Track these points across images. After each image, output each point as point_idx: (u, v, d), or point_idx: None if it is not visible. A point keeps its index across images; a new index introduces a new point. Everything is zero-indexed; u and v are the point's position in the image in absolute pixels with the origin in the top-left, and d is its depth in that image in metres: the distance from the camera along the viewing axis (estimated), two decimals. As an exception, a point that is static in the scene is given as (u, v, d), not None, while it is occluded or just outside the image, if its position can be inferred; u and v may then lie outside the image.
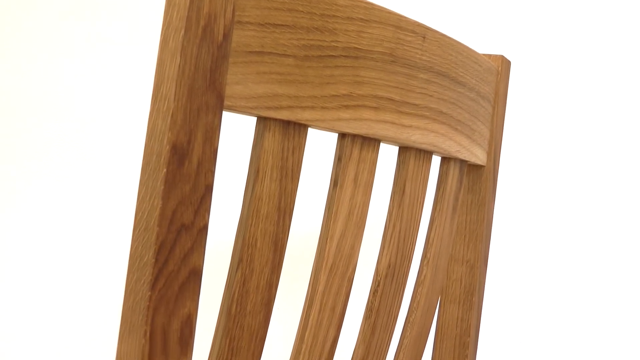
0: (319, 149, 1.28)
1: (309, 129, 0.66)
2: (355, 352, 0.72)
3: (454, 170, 0.78)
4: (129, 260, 0.55)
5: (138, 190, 0.55)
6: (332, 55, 0.61)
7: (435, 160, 0.80)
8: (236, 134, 1.33)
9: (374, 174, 0.67)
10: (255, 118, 0.59)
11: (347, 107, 0.62)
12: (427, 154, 0.73)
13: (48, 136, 1.56)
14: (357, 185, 0.65)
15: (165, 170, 0.52)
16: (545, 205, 1.26)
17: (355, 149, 0.65)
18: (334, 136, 1.26)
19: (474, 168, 0.84)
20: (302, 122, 0.59)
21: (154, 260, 0.52)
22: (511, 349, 1.26)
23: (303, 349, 0.65)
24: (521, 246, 1.26)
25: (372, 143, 0.66)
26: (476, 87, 0.79)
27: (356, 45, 0.62)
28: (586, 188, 1.25)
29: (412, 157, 0.71)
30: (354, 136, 0.64)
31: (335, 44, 0.61)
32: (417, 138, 0.70)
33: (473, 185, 0.84)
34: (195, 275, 0.54)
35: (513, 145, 1.27)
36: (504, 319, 1.26)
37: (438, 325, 0.85)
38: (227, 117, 1.33)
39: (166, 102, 0.53)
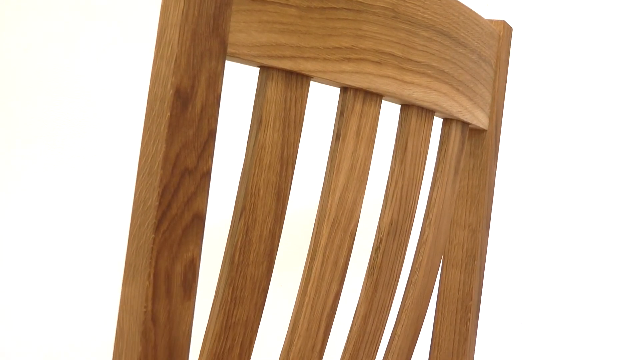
0: (322, 104, 1.28)
1: (313, 84, 0.66)
2: (357, 309, 0.72)
3: (455, 132, 0.78)
4: (133, 206, 0.55)
5: (142, 136, 0.55)
6: (334, 8, 0.61)
7: (437, 125, 0.80)
8: (239, 86, 1.32)
9: (376, 129, 0.67)
10: (258, 69, 0.59)
11: (349, 60, 0.63)
12: (428, 113, 0.73)
13: (47, 117, 1.56)
14: (359, 139, 0.66)
15: (168, 114, 0.53)
16: (546, 171, 1.27)
17: (358, 103, 0.65)
18: (337, 93, 1.26)
19: (476, 132, 0.85)
20: (305, 72, 0.60)
21: (157, 203, 0.53)
22: (513, 312, 1.27)
23: (306, 302, 0.65)
24: (523, 211, 1.26)
25: (374, 98, 0.66)
26: (478, 49, 0.79)
27: (358, -2, 0.63)
28: (587, 154, 1.25)
29: (414, 114, 0.71)
30: (356, 90, 0.65)
31: (338, -5, 0.61)
32: (418, 95, 0.70)
33: (475, 150, 0.85)
34: (198, 220, 0.54)
35: (514, 112, 1.27)
36: (505, 283, 1.27)
37: (440, 289, 0.85)
38: (231, 69, 1.33)
39: (170, 47, 0.53)
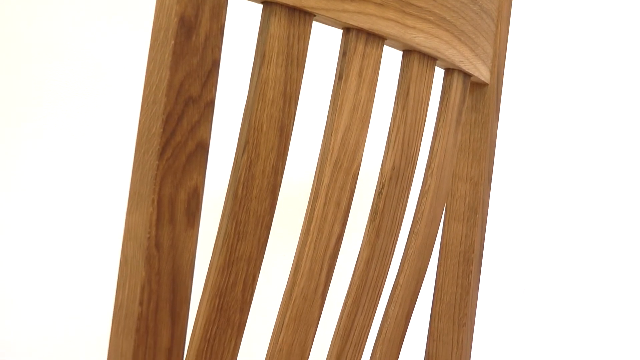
0: (325, 47, 1.29)
1: (316, 28, 0.67)
2: (360, 254, 0.73)
3: (457, 82, 0.79)
4: (137, 136, 0.56)
5: (146, 68, 0.56)
6: (337, -54, 0.62)
7: (438, 76, 0.80)
8: (243, 22, 1.32)
9: (378, 72, 0.68)
10: (262, 5, 0.60)
11: (351, -1, 0.63)
12: (430, 60, 0.73)
13: (53, 86, 1.56)
14: (361, 81, 0.66)
15: (173, 42, 0.53)
16: (547, 128, 1.27)
17: (360, 44, 0.66)
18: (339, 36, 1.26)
19: (478, 87, 0.85)
20: (308, 9, 0.60)
21: (161, 130, 0.53)
22: (514, 265, 1.27)
23: (308, 241, 0.66)
24: (524, 166, 1.27)
25: (376, 40, 0.67)
26: (479, 0, 0.79)
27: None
28: (587, 109, 1.26)
29: (415, 60, 0.72)
30: (359, 31, 0.65)
31: None
32: (420, 40, 0.70)
33: (476, 104, 0.85)
34: (202, 149, 0.55)
35: (516, 68, 1.27)
36: (506, 237, 1.27)
37: (442, 243, 0.86)
38: (235, 4, 1.34)
39: (173, -24, 0.53)
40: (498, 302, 1.28)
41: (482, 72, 0.82)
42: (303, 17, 0.61)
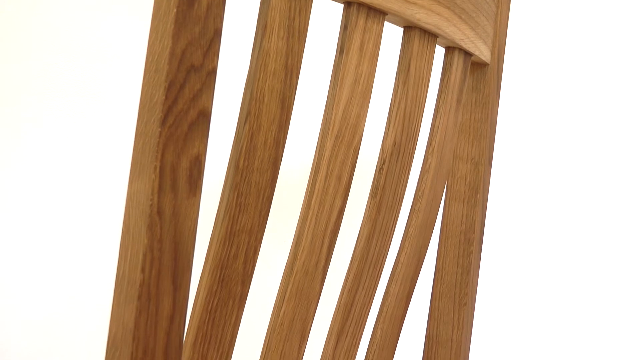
0: (327, 22, 1.29)
1: (318, 1, 0.67)
2: (361, 230, 0.73)
3: (458, 61, 0.79)
4: (139, 106, 0.56)
5: (149, 37, 0.56)
6: None
7: (440, 56, 0.80)
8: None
9: (379, 46, 0.68)
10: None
11: (352, -28, 0.63)
12: (431, 38, 0.74)
13: (54, 74, 1.57)
14: (362, 55, 0.66)
15: (175, 10, 0.53)
16: (547, 110, 1.27)
17: (361, 18, 0.66)
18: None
19: (478, 67, 0.85)
20: (309, -19, 0.60)
21: (163, 97, 0.53)
22: (515, 245, 1.27)
23: (309, 215, 0.66)
24: (524, 147, 1.27)
25: (377, 15, 0.67)
26: (480, -20, 0.79)
27: None
28: (587, 91, 1.26)
29: (416, 37, 0.72)
30: (360, 5, 0.65)
31: None
32: (421, 17, 0.71)
33: (477, 84, 0.85)
34: (204, 117, 0.55)
35: (516, 50, 1.27)
36: (508, 217, 1.27)
37: (443, 223, 0.86)
38: None
39: (175, -55, 0.54)
40: (499, 282, 1.28)
41: (482, 52, 0.82)
42: (304, -11, 0.61)
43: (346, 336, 0.74)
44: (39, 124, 1.56)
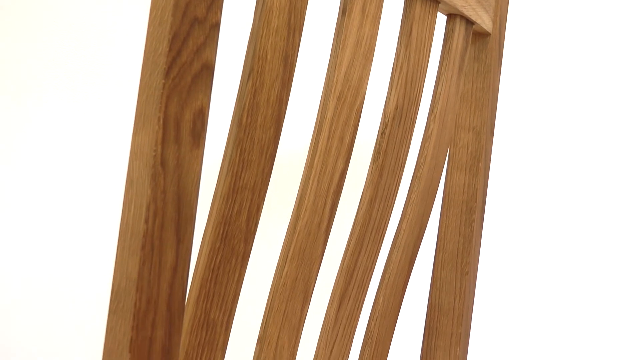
0: None
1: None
2: (363, 194, 0.73)
3: (459, 28, 0.79)
4: (143, 59, 0.56)
5: (152, -8, 0.56)
6: None
7: (442, 23, 0.81)
8: None
9: (381, 9, 0.68)
10: None
11: None
12: (433, 3, 0.74)
13: (59, 59, 1.57)
14: (364, 16, 0.67)
15: (178, -37, 0.54)
16: (549, 80, 1.27)
17: (363, -20, 0.66)
18: None
19: (480, 37, 0.86)
20: (312, -60, 0.61)
21: (167, 49, 0.54)
22: (516, 214, 1.28)
23: (312, 175, 0.66)
24: (526, 117, 1.27)
25: (379, -23, 0.67)
26: (482, -52, 0.80)
27: None
28: (590, 63, 1.26)
29: (418, 1, 0.72)
30: (362, -34, 0.66)
31: None
32: (423, -19, 0.71)
33: (479, 54, 0.85)
34: (207, 70, 0.55)
35: (518, 20, 1.28)
36: (508, 187, 1.27)
37: (445, 192, 0.86)
38: None
39: None
40: (501, 250, 1.29)
41: (484, 20, 0.82)
42: (307, -52, 0.61)
43: (349, 300, 0.74)
44: (44, 108, 1.56)
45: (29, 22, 1.59)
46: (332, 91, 0.66)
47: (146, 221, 0.54)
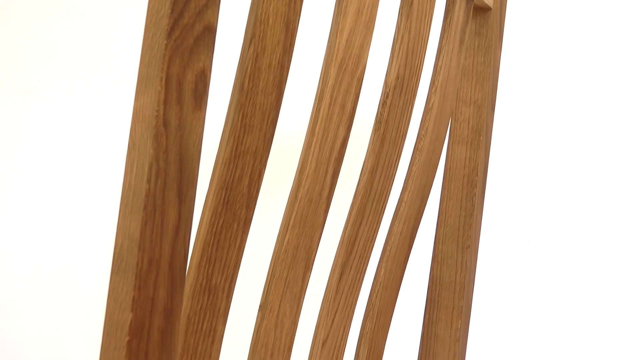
0: None
1: None
2: (365, 163, 0.73)
3: (460, 2, 0.79)
4: (146, 21, 0.57)
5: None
6: None
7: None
8: None
9: (383, -23, 0.68)
10: None
11: None
12: (434, -26, 0.74)
13: (64, 42, 1.57)
14: (366, -16, 0.67)
15: None
16: (550, 56, 1.28)
17: (365, -52, 0.66)
18: None
19: (481, 11, 0.86)
20: None
21: (169, 11, 0.54)
22: (517, 188, 1.28)
23: (313, 142, 0.67)
24: (527, 93, 1.27)
25: (381, -55, 0.67)
26: None
27: None
28: (592, 36, 1.26)
29: (420, -29, 0.73)
30: None
31: None
32: (425, -49, 0.71)
33: (480, 29, 0.86)
34: (209, 32, 0.56)
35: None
36: (510, 160, 1.28)
37: (446, 167, 0.86)
38: None
39: None
40: (502, 224, 1.29)
41: (485, -6, 0.83)
42: None
43: (350, 270, 0.75)
44: (46, 91, 1.57)
45: (30, 7, 1.59)
46: (334, 58, 0.66)
47: (148, 181, 0.54)
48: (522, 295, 1.27)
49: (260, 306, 0.69)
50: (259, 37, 0.60)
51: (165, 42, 0.54)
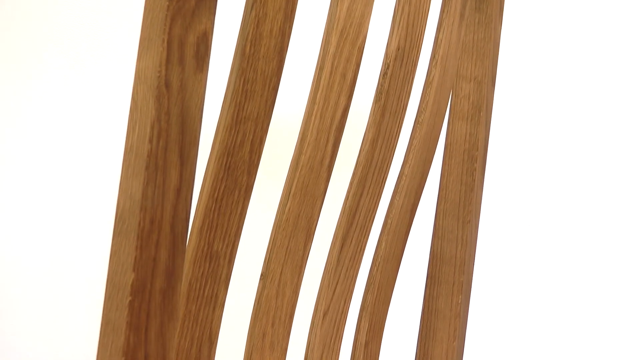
0: None
1: None
2: (365, 134, 0.74)
3: (461, -25, 0.80)
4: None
5: None
6: None
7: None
8: None
9: (384, -53, 0.69)
10: None
11: None
12: (435, -54, 0.75)
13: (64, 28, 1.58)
14: (367, -47, 0.67)
15: None
16: (551, 33, 1.28)
17: None
18: None
19: (482, -13, 0.86)
20: None
21: (171, -28, 0.54)
22: (517, 164, 1.28)
23: (314, 111, 0.67)
24: (527, 70, 1.28)
25: None
26: None
27: None
28: (592, 15, 1.27)
29: (420, -57, 0.73)
30: None
31: None
32: None
33: (480, 5, 0.86)
34: (211, -6, 0.56)
35: None
36: (510, 136, 1.28)
37: (447, 143, 0.87)
38: None
39: None
40: (502, 199, 1.29)
41: (486, -30, 0.83)
42: None
43: (351, 242, 0.75)
44: (44, 78, 1.57)
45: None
46: (335, 26, 0.66)
47: (150, 141, 0.54)
48: (522, 270, 1.28)
49: (261, 275, 0.70)
50: (261, 2, 0.61)
51: (167, 3, 0.54)
